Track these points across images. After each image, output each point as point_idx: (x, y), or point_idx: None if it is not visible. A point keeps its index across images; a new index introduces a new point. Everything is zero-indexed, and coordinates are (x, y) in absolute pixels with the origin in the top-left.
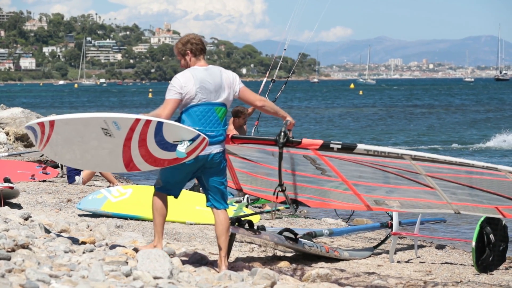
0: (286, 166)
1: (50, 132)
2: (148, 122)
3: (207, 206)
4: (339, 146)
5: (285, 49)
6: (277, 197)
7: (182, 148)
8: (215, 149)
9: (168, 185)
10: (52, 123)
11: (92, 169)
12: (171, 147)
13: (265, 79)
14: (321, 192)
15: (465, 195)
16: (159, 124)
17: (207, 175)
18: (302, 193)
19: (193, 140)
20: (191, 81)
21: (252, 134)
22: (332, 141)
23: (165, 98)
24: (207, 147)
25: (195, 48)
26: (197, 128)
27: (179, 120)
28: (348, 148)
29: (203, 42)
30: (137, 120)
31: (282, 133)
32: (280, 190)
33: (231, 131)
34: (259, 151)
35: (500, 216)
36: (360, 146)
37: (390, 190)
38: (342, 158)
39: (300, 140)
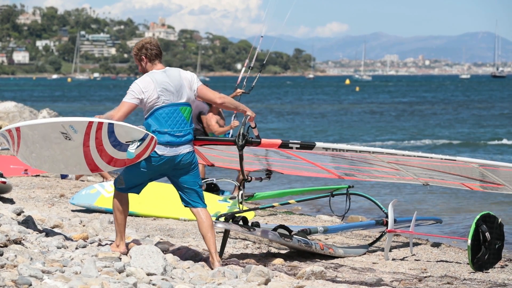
0: (254, 153)
1: (18, 138)
2: (100, 124)
3: (185, 207)
4: (298, 146)
5: (262, 36)
6: (243, 195)
7: (132, 149)
8: (184, 149)
9: (131, 185)
10: (18, 129)
11: (60, 172)
12: (126, 147)
13: (243, 69)
14: (292, 166)
15: (429, 175)
16: (110, 126)
17: (178, 176)
18: (274, 166)
19: (142, 139)
20: (152, 85)
21: (233, 119)
22: (291, 141)
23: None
24: (176, 148)
25: (150, 53)
26: (165, 130)
27: (145, 126)
28: (307, 147)
29: (159, 46)
30: (91, 123)
31: (241, 135)
32: (247, 180)
33: (213, 117)
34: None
35: (466, 188)
36: (319, 145)
37: (358, 170)
38: (301, 152)
39: (259, 140)
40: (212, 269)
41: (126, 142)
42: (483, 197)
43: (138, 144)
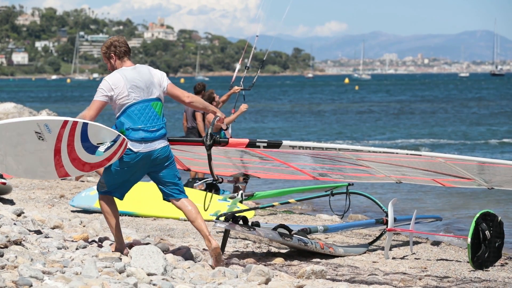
0: (227, 155)
1: None
2: (75, 123)
3: (165, 200)
4: (265, 144)
5: (257, 36)
6: (212, 193)
7: (102, 149)
8: (159, 144)
9: (113, 187)
10: None
11: (27, 177)
12: (96, 149)
13: (237, 67)
14: (266, 169)
15: (400, 171)
16: (85, 125)
17: (158, 171)
18: (250, 169)
19: (114, 141)
20: (122, 82)
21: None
22: (258, 140)
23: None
24: (151, 143)
25: (119, 50)
26: (139, 126)
27: (118, 125)
28: (274, 145)
29: (127, 44)
30: (66, 122)
31: (209, 135)
32: (217, 182)
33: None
34: (194, 147)
35: (438, 185)
36: (286, 143)
37: (330, 168)
38: (273, 151)
39: (227, 140)
40: (210, 249)
41: (97, 143)
42: (483, 195)
43: (109, 145)
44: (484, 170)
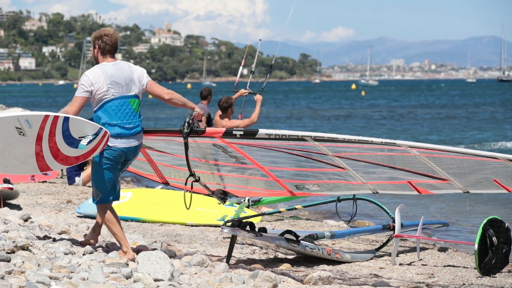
0: (204, 156)
1: None
2: (56, 117)
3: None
4: (241, 132)
5: (260, 40)
6: (192, 187)
7: (84, 143)
8: (133, 142)
9: (106, 190)
10: None
11: (8, 173)
12: (78, 143)
13: (239, 71)
14: (243, 180)
15: (376, 173)
16: (66, 120)
17: (122, 168)
18: (228, 183)
19: (96, 134)
20: (102, 77)
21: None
22: (234, 128)
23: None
24: (126, 140)
25: (103, 47)
26: (115, 122)
27: (95, 119)
28: (250, 134)
29: (116, 43)
30: (47, 116)
31: (186, 124)
32: (194, 180)
33: (232, 122)
34: (174, 143)
35: (415, 192)
36: (262, 131)
37: (306, 174)
38: (249, 144)
39: (204, 129)
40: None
41: (79, 137)
42: (490, 201)
43: (92, 138)
44: (462, 163)
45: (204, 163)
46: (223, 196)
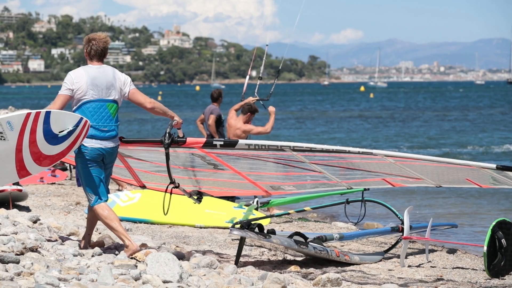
0: (183, 164)
1: None
2: (38, 113)
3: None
4: (221, 143)
5: (267, 45)
6: (171, 193)
7: (65, 133)
8: (108, 144)
9: (96, 190)
10: None
11: None
12: (58, 139)
13: (247, 77)
14: (220, 183)
15: (352, 174)
16: (47, 114)
17: (108, 169)
18: (204, 185)
19: (77, 125)
20: (83, 78)
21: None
22: (215, 139)
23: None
24: (100, 141)
25: (89, 50)
26: (90, 123)
27: None
28: (230, 144)
29: (103, 48)
30: (28, 114)
31: (167, 134)
32: (174, 187)
33: (246, 126)
34: (154, 152)
35: (388, 186)
36: (242, 141)
37: (283, 177)
38: (228, 154)
39: (184, 139)
40: (128, 256)
41: (59, 131)
42: (498, 202)
43: (72, 129)
44: (436, 169)
45: (183, 170)
46: (198, 196)
